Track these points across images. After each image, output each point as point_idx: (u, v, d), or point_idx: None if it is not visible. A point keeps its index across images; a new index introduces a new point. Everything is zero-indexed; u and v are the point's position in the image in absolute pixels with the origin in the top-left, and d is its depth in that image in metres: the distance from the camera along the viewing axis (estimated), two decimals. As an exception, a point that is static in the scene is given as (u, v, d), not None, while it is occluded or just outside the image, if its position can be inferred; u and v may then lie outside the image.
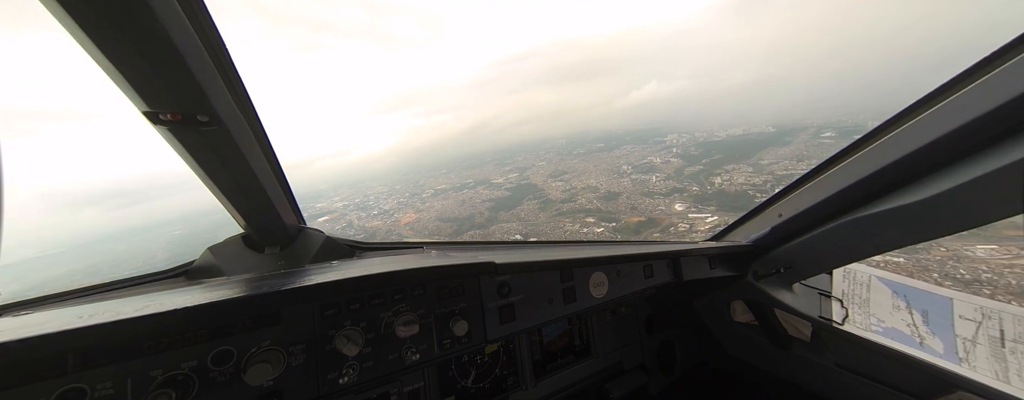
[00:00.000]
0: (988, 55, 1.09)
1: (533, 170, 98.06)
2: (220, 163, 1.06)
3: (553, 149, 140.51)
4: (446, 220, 65.14)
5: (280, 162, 1.32)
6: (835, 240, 1.71)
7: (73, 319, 0.78)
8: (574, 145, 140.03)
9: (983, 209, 1.23)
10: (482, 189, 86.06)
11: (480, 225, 58.43)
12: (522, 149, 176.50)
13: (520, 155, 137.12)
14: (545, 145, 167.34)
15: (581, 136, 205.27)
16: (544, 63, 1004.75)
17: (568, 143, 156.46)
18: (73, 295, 1.30)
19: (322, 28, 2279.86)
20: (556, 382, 2.20)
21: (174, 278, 1.46)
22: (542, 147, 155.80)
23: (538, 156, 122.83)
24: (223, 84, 0.91)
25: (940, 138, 1.19)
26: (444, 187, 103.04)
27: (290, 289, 0.96)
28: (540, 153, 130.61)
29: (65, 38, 0.69)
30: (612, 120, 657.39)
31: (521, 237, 44.33)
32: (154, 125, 0.87)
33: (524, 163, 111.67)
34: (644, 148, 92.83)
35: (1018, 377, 1.56)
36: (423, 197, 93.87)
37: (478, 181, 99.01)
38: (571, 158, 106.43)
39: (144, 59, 0.70)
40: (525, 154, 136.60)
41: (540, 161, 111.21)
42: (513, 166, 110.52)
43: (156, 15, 0.63)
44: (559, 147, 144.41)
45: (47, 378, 0.81)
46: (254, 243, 1.53)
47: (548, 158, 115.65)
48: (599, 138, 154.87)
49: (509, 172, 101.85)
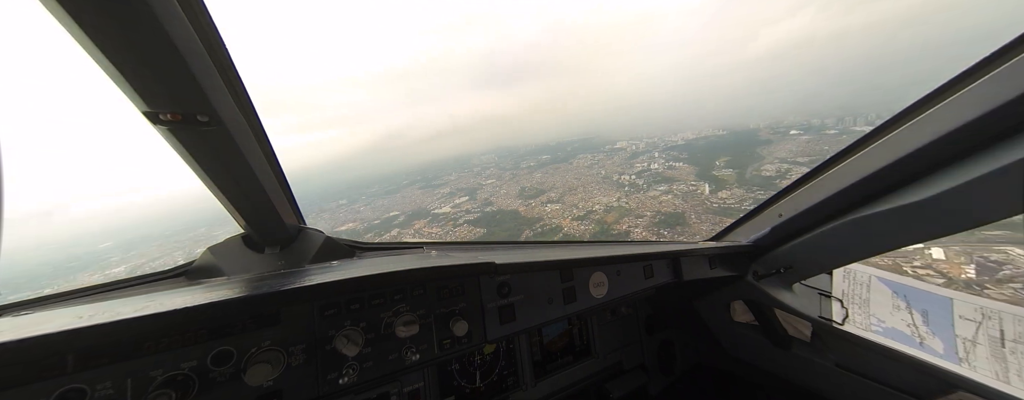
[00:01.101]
0: (988, 55, 1.09)
1: (487, 191, 78.46)
2: (220, 163, 1.06)
3: (488, 164, 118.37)
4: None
5: (280, 162, 1.32)
6: (835, 240, 1.71)
7: (73, 319, 0.78)
8: (515, 158, 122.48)
9: (983, 209, 1.23)
10: (423, 224, 63.49)
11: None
12: (445, 167, 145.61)
13: (451, 174, 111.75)
14: (473, 161, 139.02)
15: (511, 150, 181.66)
16: (460, 66, 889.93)
17: (504, 157, 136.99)
18: (73, 295, 1.30)
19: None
20: (556, 382, 2.20)
21: (174, 278, 1.46)
22: (470, 163, 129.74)
23: (477, 173, 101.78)
24: (223, 84, 0.91)
25: (940, 138, 1.19)
26: (354, 226, 73.51)
27: (290, 289, 0.96)
28: (475, 170, 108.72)
29: (65, 38, 0.69)
30: (541, 133, 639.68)
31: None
32: (154, 125, 0.87)
33: (465, 183, 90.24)
34: (606, 156, 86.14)
35: (1018, 377, 1.56)
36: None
37: (411, 213, 73.15)
38: (530, 173, 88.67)
39: (144, 59, 0.70)
40: (458, 172, 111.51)
41: (486, 179, 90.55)
42: (453, 188, 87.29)
43: (156, 15, 0.63)
44: (496, 162, 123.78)
45: (47, 378, 0.81)
46: (254, 243, 1.53)
47: (496, 175, 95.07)
48: (539, 150, 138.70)
49: (453, 196, 79.70)
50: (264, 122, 1.14)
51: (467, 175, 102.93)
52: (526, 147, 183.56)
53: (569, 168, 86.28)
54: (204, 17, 0.79)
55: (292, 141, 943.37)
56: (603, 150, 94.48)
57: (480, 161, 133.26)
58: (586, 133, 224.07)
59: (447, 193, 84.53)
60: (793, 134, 66.36)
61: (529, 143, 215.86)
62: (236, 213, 1.32)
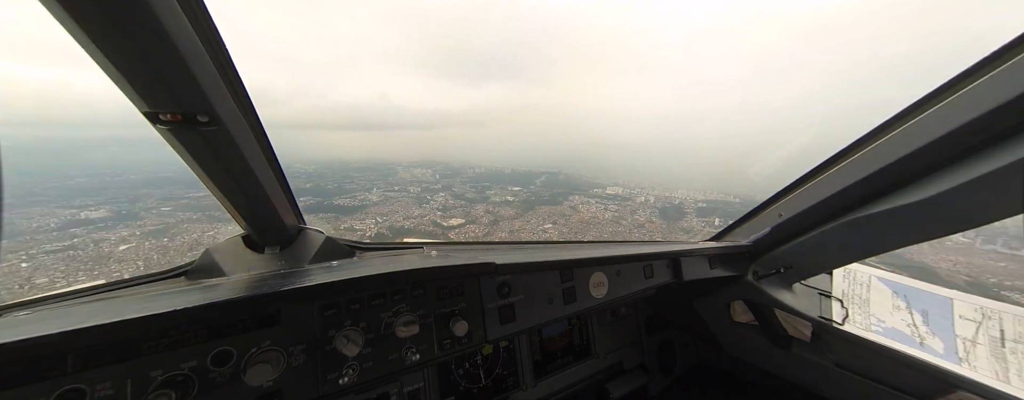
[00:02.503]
0: (987, 55, 1.09)
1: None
2: (220, 163, 1.05)
3: (424, 181, 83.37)
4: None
5: (280, 162, 1.32)
6: (835, 240, 1.71)
7: (73, 319, 0.78)
8: (469, 180, 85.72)
9: (983, 209, 1.23)
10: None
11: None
12: (361, 170, 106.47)
13: (372, 189, 71.03)
14: (400, 172, 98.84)
15: (455, 168, 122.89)
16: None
17: (447, 175, 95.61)
18: (73, 295, 1.29)
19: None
20: (556, 382, 2.20)
21: (174, 278, 1.46)
22: (397, 176, 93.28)
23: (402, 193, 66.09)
24: (223, 84, 0.91)
25: (940, 138, 1.19)
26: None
27: (290, 289, 0.96)
28: (397, 188, 72.58)
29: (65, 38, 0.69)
30: (497, 149, 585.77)
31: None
32: (154, 125, 0.87)
33: (394, 208, 57.52)
34: (598, 203, 62.11)
35: (1018, 377, 1.56)
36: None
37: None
38: (495, 210, 58.97)
39: (144, 59, 0.70)
40: (381, 184, 74.96)
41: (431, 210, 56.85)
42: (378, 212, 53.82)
43: (156, 15, 0.63)
44: (436, 180, 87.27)
45: (47, 378, 0.81)
46: (254, 243, 1.53)
47: (444, 206, 60.76)
48: (493, 175, 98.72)
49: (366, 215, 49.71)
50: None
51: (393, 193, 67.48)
52: (477, 166, 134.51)
53: (558, 213, 57.45)
54: (204, 17, 0.79)
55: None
56: (591, 193, 70.61)
57: (412, 175, 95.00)
58: (558, 164, 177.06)
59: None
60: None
61: (479, 161, 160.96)
62: (236, 213, 1.32)
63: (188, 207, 49.34)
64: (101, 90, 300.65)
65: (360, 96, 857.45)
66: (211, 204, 1.50)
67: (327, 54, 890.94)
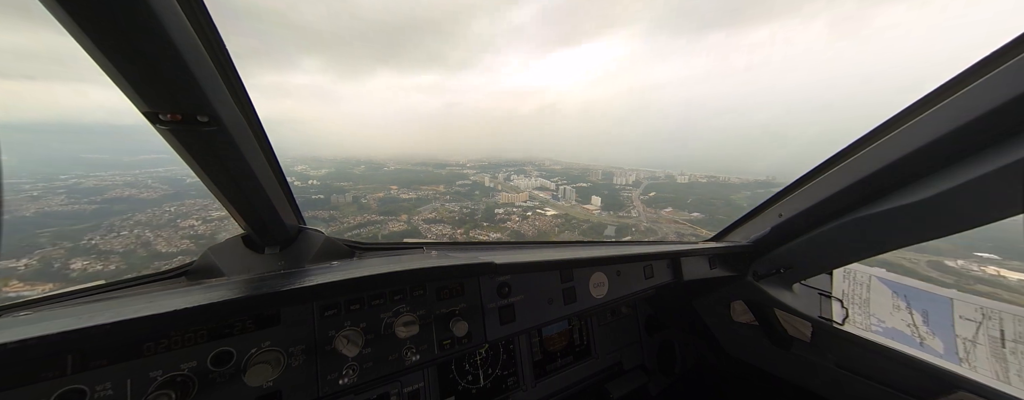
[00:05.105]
0: (988, 55, 1.09)
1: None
2: (220, 163, 1.05)
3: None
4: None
5: (280, 162, 1.32)
6: (835, 240, 1.71)
7: (73, 319, 0.78)
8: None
9: (983, 209, 1.23)
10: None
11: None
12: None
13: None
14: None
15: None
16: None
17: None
18: (73, 295, 1.29)
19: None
20: (556, 382, 2.20)
21: (174, 279, 1.46)
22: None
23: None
24: (223, 84, 0.91)
25: (940, 138, 1.19)
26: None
27: (290, 290, 0.96)
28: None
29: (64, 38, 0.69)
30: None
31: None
32: (154, 125, 0.87)
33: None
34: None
35: (1018, 377, 1.56)
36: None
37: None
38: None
39: (144, 59, 0.70)
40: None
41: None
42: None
43: (156, 15, 0.63)
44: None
45: (47, 379, 0.81)
46: (254, 243, 1.53)
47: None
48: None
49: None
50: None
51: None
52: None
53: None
54: (204, 17, 0.79)
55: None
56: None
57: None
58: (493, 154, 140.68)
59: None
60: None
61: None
62: (236, 213, 1.32)
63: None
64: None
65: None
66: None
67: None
